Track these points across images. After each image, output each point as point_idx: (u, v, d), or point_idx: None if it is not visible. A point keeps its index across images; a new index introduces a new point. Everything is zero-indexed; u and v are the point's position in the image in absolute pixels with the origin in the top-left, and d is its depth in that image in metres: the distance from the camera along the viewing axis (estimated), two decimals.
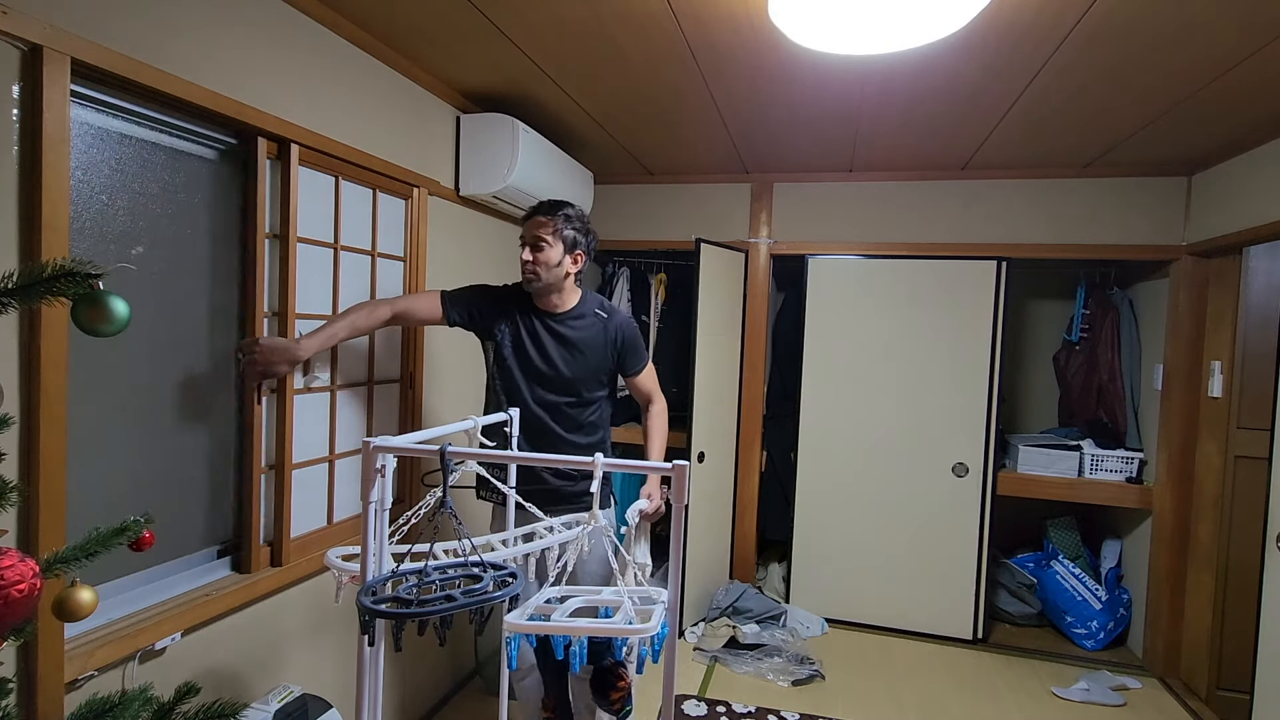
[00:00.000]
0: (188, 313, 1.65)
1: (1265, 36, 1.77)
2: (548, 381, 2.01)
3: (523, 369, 2.01)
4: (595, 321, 2.07)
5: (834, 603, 3.51)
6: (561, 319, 2.03)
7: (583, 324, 2.05)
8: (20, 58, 1.21)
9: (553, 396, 2.02)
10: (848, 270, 3.45)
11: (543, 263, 1.94)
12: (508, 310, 2.03)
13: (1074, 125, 2.54)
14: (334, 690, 2.05)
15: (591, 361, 2.05)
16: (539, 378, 2.01)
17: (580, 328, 2.04)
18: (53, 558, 0.96)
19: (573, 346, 2.03)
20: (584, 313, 2.06)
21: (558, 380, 2.01)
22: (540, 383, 2.01)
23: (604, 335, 2.07)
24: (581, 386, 2.05)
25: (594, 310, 2.09)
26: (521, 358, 2.01)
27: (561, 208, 1.99)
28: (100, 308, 0.87)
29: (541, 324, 2.02)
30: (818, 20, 1.64)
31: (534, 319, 2.02)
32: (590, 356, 2.05)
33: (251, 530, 1.78)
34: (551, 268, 1.95)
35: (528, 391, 2.01)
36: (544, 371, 2.00)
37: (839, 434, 3.48)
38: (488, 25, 1.91)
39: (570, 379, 2.02)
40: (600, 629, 1.26)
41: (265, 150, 1.74)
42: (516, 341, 2.01)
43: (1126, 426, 3.34)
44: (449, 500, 1.32)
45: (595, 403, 2.11)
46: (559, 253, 1.95)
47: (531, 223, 1.98)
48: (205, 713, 1.09)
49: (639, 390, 2.26)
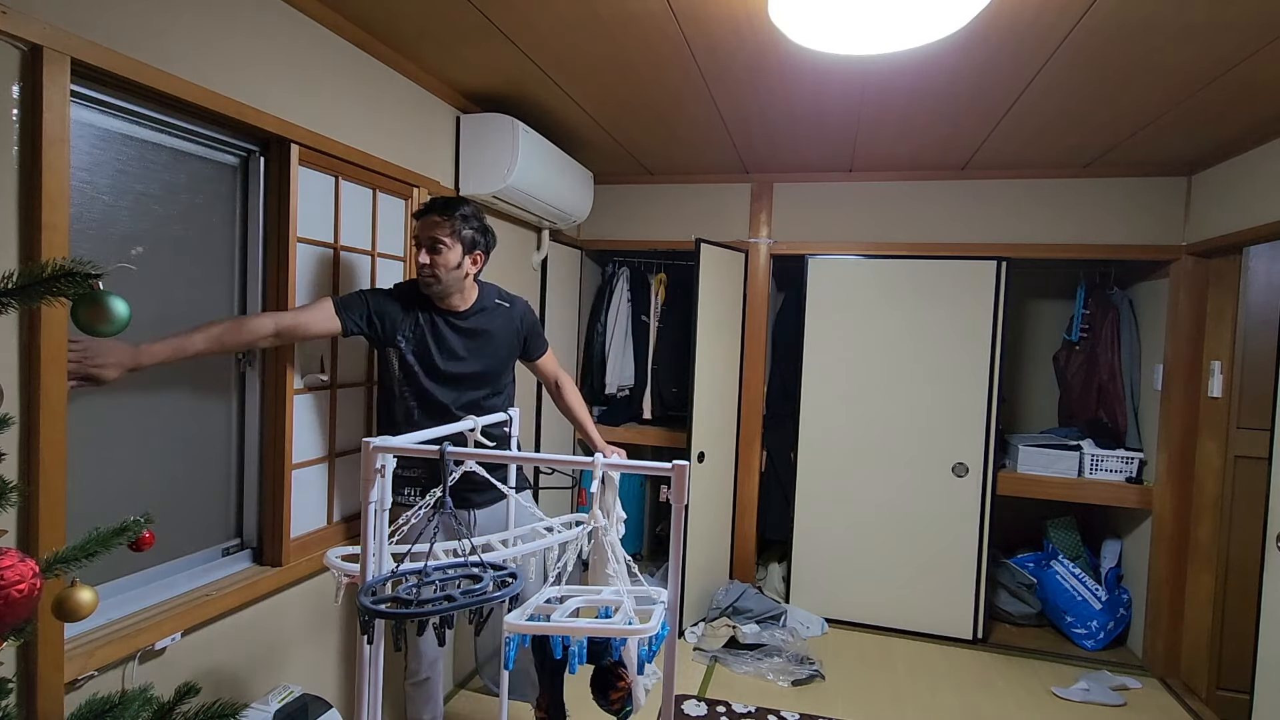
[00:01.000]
0: (187, 312, 1.65)
1: (1265, 36, 1.77)
2: (461, 381, 1.97)
3: (431, 373, 1.93)
4: (499, 311, 2.05)
5: (834, 603, 3.51)
6: (464, 315, 1.98)
7: (486, 317, 2.01)
8: (20, 58, 1.21)
9: (469, 394, 1.99)
10: (848, 270, 3.45)
11: (441, 265, 1.87)
12: (409, 311, 1.93)
13: (1074, 125, 2.54)
14: (334, 690, 2.05)
15: (500, 352, 2.05)
16: (451, 379, 1.95)
17: (485, 321, 2.01)
18: (53, 558, 0.96)
19: (480, 340, 1.99)
20: (485, 305, 2.02)
21: (470, 378, 1.98)
22: (453, 383, 1.96)
23: (510, 324, 2.06)
24: (493, 379, 2.04)
25: (494, 301, 2.05)
26: (428, 361, 1.92)
27: (458, 206, 1.90)
28: (100, 308, 0.87)
29: (445, 323, 1.95)
30: (818, 20, 1.64)
31: (436, 318, 1.94)
32: (499, 348, 2.04)
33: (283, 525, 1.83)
34: (450, 270, 1.88)
35: (442, 394, 1.94)
36: (454, 372, 1.95)
37: (839, 434, 3.48)
38: (488, 25, 1.91)
39: (483, 373, 2.00)
40: (600, 629, 1.26)
41: (273, 151, 1.74)
42: (421, 345, 1.92)
43: (1126, 426, 3.34)
44: (449, 500, 1.32)
45: (504, 391, 2.10)
46: (458, 254, 1.88)
47: (425, 222, 1.88)
48: (205, 713, 1.09)
49: (545, 373, 2.26)
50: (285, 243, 1.80)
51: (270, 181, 1.80)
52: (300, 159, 1.82)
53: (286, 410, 1.82)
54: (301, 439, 1.92)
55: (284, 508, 1.84)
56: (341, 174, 2.01)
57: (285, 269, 1.80)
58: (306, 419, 1.94)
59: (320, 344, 1.97)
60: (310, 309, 1.77)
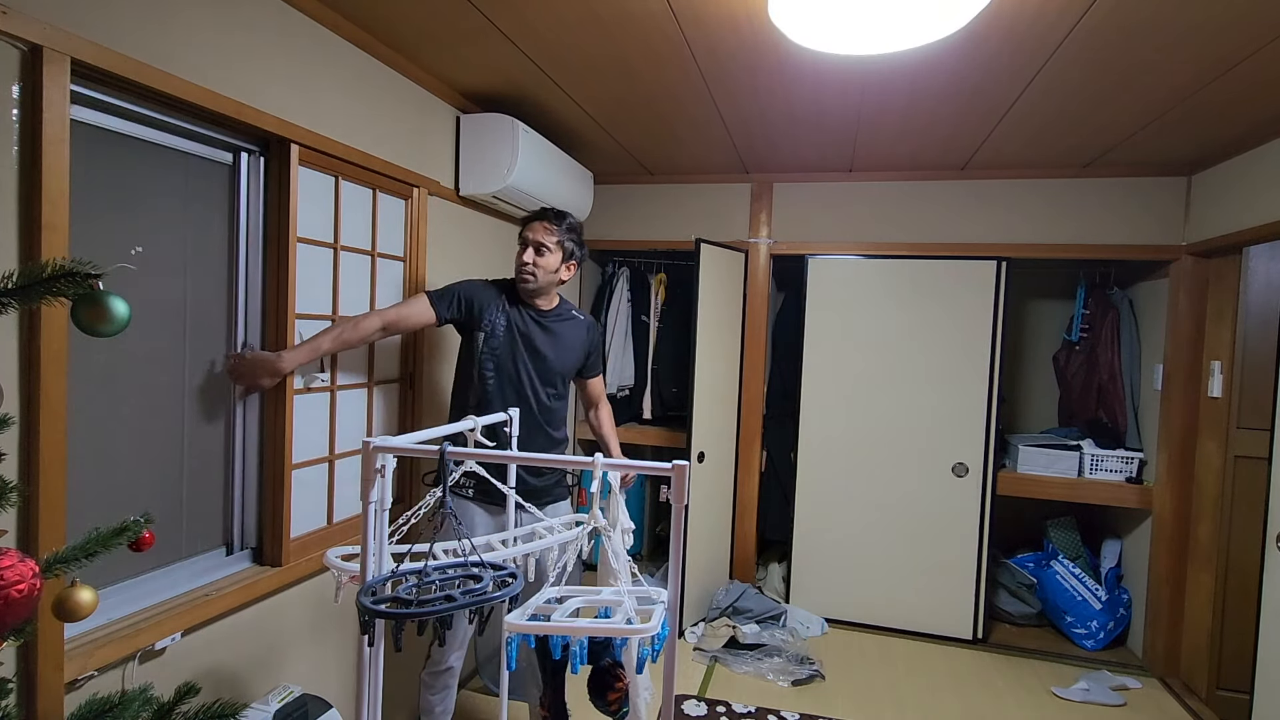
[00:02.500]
0: (187, 312, 1.65)
1: (1265, 36, 1.77)
2: (539, 366, 2.11)
3: (512, 356, 2.09)
4: (577, 323, 2.23)
5: (834, 603, 3.51)
6: (546, 315, 2.15)
7: (564, 323, 2.19)
8: (20, 58, 1.21)
9: (540, 384, 2.12)
10: (847, 270, 3.45)
11: (542, 266, 2.07)
12: (498, 300, 2.11)
13: (1074, 125, 2.54)
14: (334, 690, 2.05)
15: (569, 357, 2.19)
16: (532, 362, 2.10)
17: (562, 326, 2.18)
18: (53, 558, 0.96)
19: (556, 340, 2.15)
20: (563, 313, 2.20)
21: (546, 370, 2.12)
22: (532, 367, 2.10)
23: (581, 335, 2.23)
24: (559, 379, 2.17)
25: (571, 313, 2.23)
26: (511, 346, 2.09)
27: (566, 218, 2.12)
28: (100, 308, 0.87)
29: (530, 316, 2.12)
30: (818, 20, 1.64)
31: (523, 311, 2.12)
32: (570, 352, 2.19)
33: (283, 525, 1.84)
34: (549, 272, 2.08)
35: (517, 379, 2.08)
36: (531, 361, 2.10)
37: (839, 434, 3.48)
38: (488, 25, 1.91)
39: (554, 370, 2.14)
40: (600, 629, 1.26)
41: (272, 150, 1.74)
42: (508, 328, 2.09)
43: (1126, 426, 3.34)
44: (449, 500, 1.32)
45: (564, 398, 2.24)
46: (557, 260, 2.09)
47: (538, 226, 2.08)
48: (205, 713, 1.09)
49: (593, 393, 2.40)
50: (285, 243, 1.80)
51: (270, 181, 1.80)
52: (300, 159, 1.82)
53: (286, 410, 1.82)
54: (301, 439, 1.92)
55: (284, 508, 1.84)
56: (341, 174, 2.01)
57: (285, 269, 1.80)
58: (306, 419, 1.94)
59: None
60: (409, 304, 2.04)
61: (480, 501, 2.06)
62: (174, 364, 1.62)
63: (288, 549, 1.85)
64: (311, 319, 1.93)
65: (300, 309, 1.87)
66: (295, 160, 1.80)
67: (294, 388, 1.86)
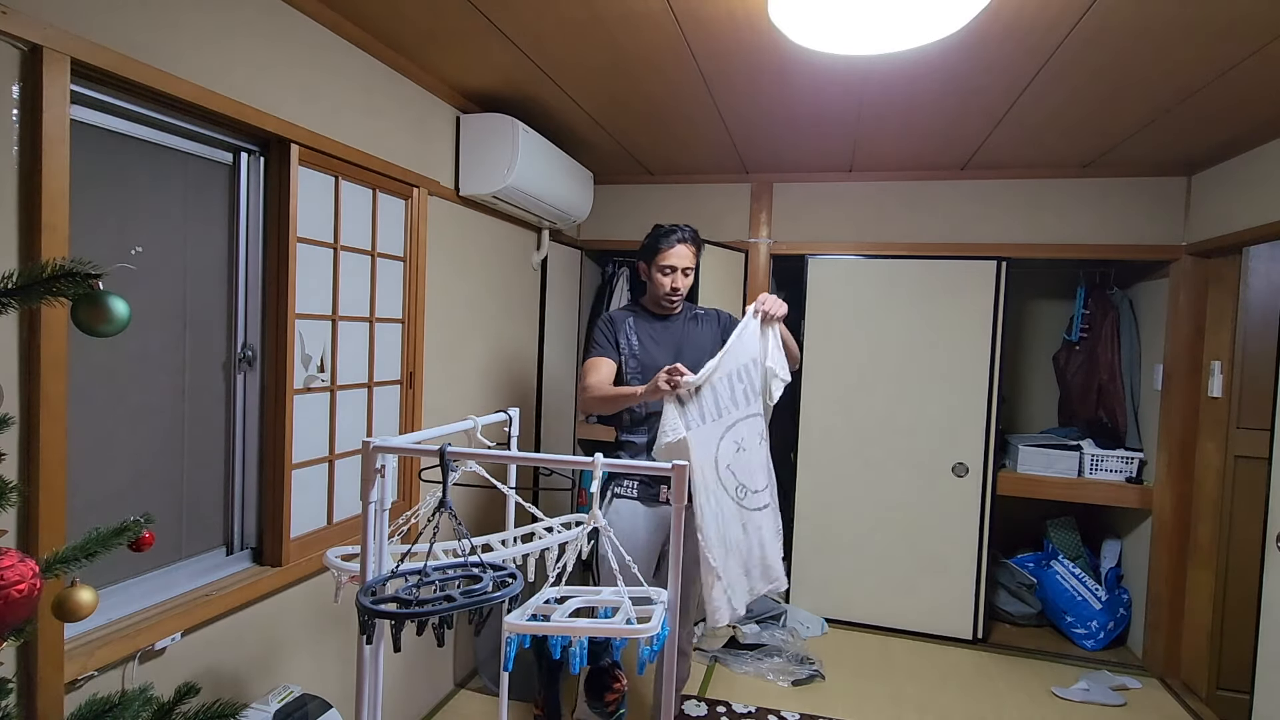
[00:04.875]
0: (187, 312, 1.65)
1: (1265, 36, 1.77)
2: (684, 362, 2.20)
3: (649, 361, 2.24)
4: (699, 318, 2.36)
5: (834, 603, 3.51)
6: (673, 319, 2.33)
7: (690, 322, 2.34)
8: (20, 58, 1.21)
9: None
10: (847, 270, 3.45)
11: (685, 287, 2.25)
12: (624, 323, 2.31)
13: (1074, 125, 2.54)
14: (334, 690, 2.05)
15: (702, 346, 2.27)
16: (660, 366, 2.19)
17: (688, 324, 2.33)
18: (53, 558, 0.96)
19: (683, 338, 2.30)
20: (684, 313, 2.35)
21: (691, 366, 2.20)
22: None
23: (711, 328, 2.35)
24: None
25: (694, 311, 2.39)
26: (646, 353, 2.26)
27: (699, 239, 2.28)
28: (100, 308, 0.87)
29: (660, 324, 2.31)
30: (817, 20, 1.64)
31: (653, 321, 2.32)
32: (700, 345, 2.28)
33: (283, 525, 1.84)
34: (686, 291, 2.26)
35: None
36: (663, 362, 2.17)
37: (839, 434, 3.48)
38: (488, 26, 1.91)
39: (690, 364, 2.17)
40: (600, 629, 1.26)
41: (273, 151, 1.74)
42: (640, 344, 2.28)
43: (1126, 426, 3.34)
44: (449, 500, 1.32)
45: None
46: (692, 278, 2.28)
47: (681, 253, 2.21)
48: (205, 713, 1.09)
49: None
50: (285, 243, 1.80)
51: (270, 181, 1.80)
52: (300, 159, 1.82)
53: (287, 410, 1.82)
54: (301, 439, 1.92)
55: (284, 508, 1.84)
56: (342, 174, 2.01)
57: (285, 269, 1.80)
58: (307, 419, 1.94)
59: (319, 343, 1.97)
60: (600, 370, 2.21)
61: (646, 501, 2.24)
62: (174, 364, 1.62)
63: (288, 549, 1.85)
64: (312, 319, 1.93)
65: (300, 309, 1.87)
66: (295, 160, 1.80)
67: (294, 387, 1.86)
